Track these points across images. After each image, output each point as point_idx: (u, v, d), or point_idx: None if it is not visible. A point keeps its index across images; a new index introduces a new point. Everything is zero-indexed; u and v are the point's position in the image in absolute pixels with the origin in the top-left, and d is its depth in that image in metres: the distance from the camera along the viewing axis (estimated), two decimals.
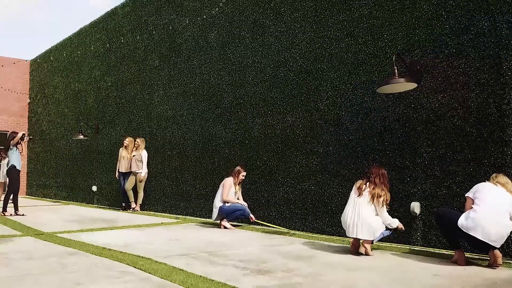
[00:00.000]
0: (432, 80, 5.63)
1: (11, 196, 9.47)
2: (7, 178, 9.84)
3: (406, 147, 5.88)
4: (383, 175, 5.22)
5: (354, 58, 6.53)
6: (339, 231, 6.17)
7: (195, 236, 6.67)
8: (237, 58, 8.49)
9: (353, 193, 5.26)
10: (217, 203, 7.50)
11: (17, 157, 9.25)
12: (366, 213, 5.04)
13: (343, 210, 5.35)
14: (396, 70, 5.47)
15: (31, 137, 10.17)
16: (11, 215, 9.25)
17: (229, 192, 7.46)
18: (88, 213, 10.36)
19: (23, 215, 9.36)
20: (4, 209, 9.35)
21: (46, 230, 7.26)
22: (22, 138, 9.45)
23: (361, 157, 6.38)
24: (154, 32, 10.82)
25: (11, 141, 9.30)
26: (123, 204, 11.04)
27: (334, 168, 6.72)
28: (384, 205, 5.15)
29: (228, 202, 7.45)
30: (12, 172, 9.21)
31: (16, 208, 9.42)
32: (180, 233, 7.03)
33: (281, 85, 7.62)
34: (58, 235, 6.73)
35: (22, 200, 15.44)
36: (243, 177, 7.64)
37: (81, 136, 12.74)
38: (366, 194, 5.13)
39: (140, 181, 10.56)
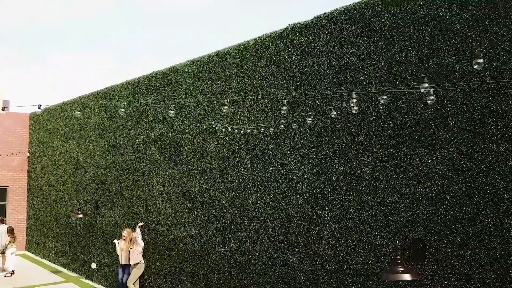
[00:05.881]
0: (436, 264, 5.49)
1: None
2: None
3: None
4: None
5: (356, 214, 6.38)
6: None
7: None
8: (236, 177, 8.35)
9: None
10: None
11: None
12: None
13: None
14: (399, 259, 5.32)
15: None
16: None
17: None
18: None
19: None
20: None
21: None
22: None
23: None
24: (153, 124, 10.68)
25: None
26: None
27: None
28: None
29: None
30: None
31: None
32: None
33: (281, 218, 7.48)
34: None
35: (22, 261, 15.38)
36: None
37: (81, 215, 12.70)
38: None
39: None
